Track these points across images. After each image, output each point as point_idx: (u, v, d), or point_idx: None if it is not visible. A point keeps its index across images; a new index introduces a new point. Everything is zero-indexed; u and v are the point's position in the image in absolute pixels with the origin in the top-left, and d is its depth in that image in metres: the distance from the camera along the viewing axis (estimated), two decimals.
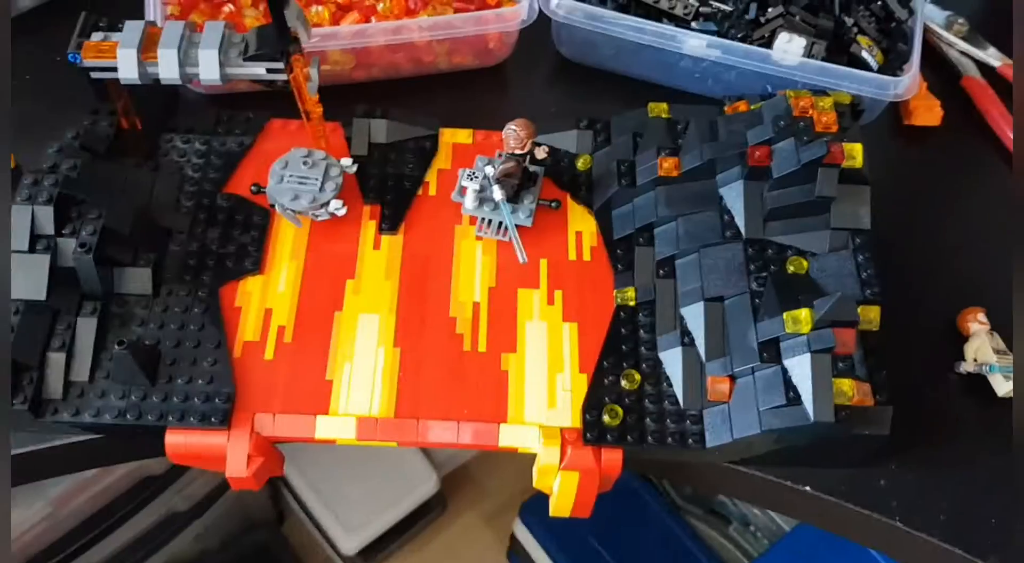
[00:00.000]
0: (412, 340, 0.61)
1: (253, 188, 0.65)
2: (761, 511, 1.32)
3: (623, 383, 0.60)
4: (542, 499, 0.61)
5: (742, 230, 0.61)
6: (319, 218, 0.64)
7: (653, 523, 1.34)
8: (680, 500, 1.38)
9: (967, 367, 0.64)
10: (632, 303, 0.63)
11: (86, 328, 0.57)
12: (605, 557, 1.32)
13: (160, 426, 0.56)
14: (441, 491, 1.44)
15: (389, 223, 0.65)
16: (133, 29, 0.59)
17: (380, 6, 0.71)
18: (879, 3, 0.72)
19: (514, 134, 0.61)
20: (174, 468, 1.17)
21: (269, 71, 0.59)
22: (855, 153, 0.58)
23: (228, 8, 0.71)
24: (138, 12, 0.68)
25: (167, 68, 0.58)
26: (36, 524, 1.04)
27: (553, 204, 0.66)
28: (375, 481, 1.39)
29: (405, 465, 1.41)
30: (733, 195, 0.62)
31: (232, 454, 0.56)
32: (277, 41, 0.57)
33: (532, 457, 0.58)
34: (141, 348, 0.57)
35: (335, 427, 0.57)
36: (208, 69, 0.58)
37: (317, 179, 0.63)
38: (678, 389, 0.59)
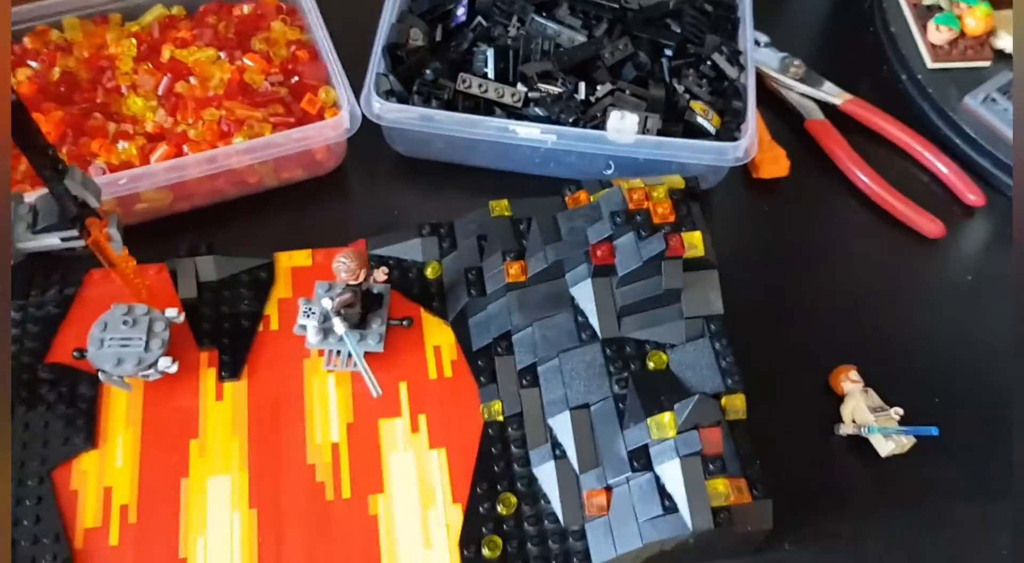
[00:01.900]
0: (269, 498, 0.57)
1: (76, 354, 0.59)
2: None
3: (500, 508, 0.57)
4: None
5: (597, 330, 0.59)
6: (150, 378, 0.59)
7: None
8: None
9: (846, 430, 0.63)
10: (500, 418, 0.60)
11: None
12: None
13: None
14: None
15: (230, 369, 0.61)
16: None
17: (192, 132, 0.67)
18: (709, 64, 0.71)
19: (344, 266, 0.57)
20: None
21: (64, 240, 0.54)
22: (695, 242, 0.57)
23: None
24: None
25: None
26: None
27: (404, 322, 0.63)
28: None
29: None
30: (584, 295, 0.60)
31: None
32: (63, 211, 0.52)
33: None
34: None
35: None
36: None
37: (141, 338, 0.58)
38: (556, 506, 0.57)
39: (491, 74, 0.69)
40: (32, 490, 0.56)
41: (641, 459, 0.54)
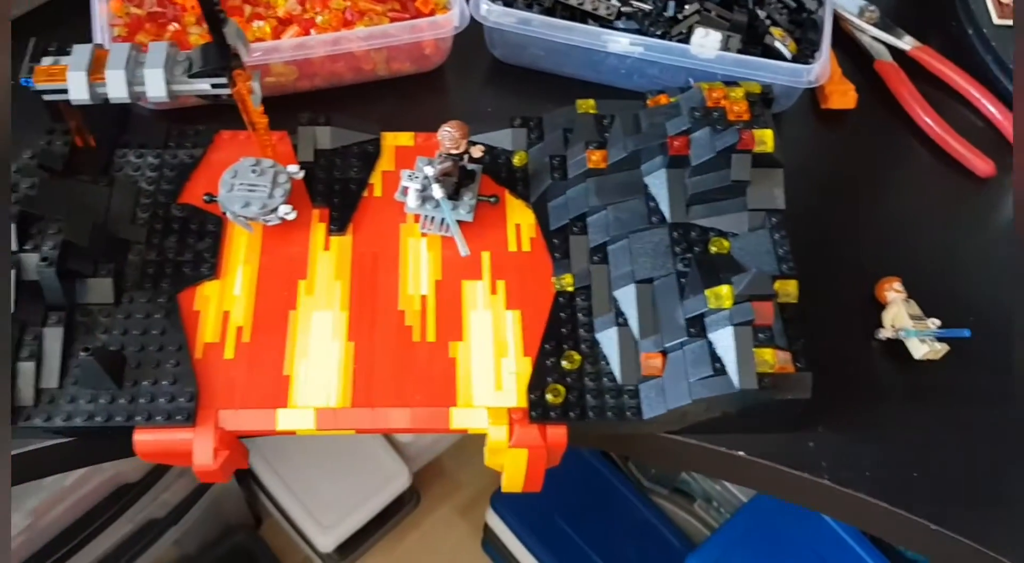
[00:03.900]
0: (364, 334, 0.64)
1: (206, 198, 0.68)
2: (722, 487, 1.37)
3: (564, 364, 0.64)
4: None
5: (667, 215, 0.66)
6: (270, 223, 0.67)
7: (620, 504, 1.39)
8: (646, 481, 1.44)
9: (885, 333, 0.68)
10: (570, 289, 0.67)
11: (53, 337, 0.60)
12: (576, 539, 1.36)
13: (129, 426, 0.59)
14: (414, 485, 1.47)
15: (337, 225, 0.69)
16: (81, 52, 0.62)
17: (319, 19, 0.75)
18: None
19: (449, 135, 0.65)
20: (149, 475, 1.20)
21: (214, 86, 0.62)
22: (765, 139, 0.63)
23: (173, 27, 0.75)
24: (85, 36, 0.71)
25: (115, 88, 0.61)
26: (16, 536, 1.06)
27: (492, 199, 0.70)
28: (349, 479, 1.43)
29: (378, 461, 1.45)
30: (657, 183, 0.66)
31: (198, 448, 0.59)
32: (219, 58, 0.60)
33: None
34: (106, 354, 0.60)
35: (294, 419, 0.61)
36: (155, 87, 0.61)
37: (266, 186, 0.66)
38: (615, 366, 0.63)
39: None
40: (161, 306, 0.64)
41: (697, 326, 0.61)
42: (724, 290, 0.60)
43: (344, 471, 1.43)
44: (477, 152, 0.68)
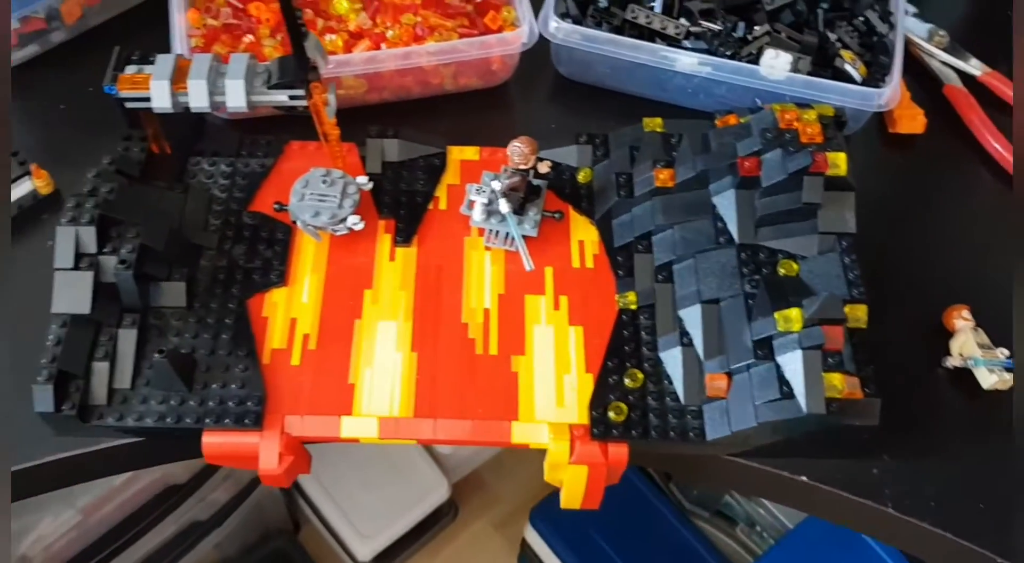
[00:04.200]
0: (428, 345, 0.65)
1: (276, 206, 0.69)
2: (766, 511, 1.35)
3: (627, 382, 0.63)
4: (552, 503, 0.65)
5: (735, 236, 0.65)
6: (338, 233, 0.68)
7: (661, 526, 1.38)
8: (687, 503, 1.42)
9: (953, 362, 0.68)
10: (633, 307, 0.67)
11: (127, 339, 0.61)
12: (614, 559, 1.35)
13: (198, 428, 0.60)
14: (452, 498, 1.47)
15: (403, 236, 0.69)
16: (164, 62, 0.63)
17: (390, 33, 0.76)
18: (861, 19, 0.77)
19: (518, 150, 0.65)
20: (196, 477, 1.21)
21: (291, 98, 0.63)
22: (839, 162, 0.62)
23: (248, 38, 0.76)
24: (162, 45, 0.72)
25: (197, 97, 0.62)
26: (66, 533, 1.08)
27: (556, 215, 0.70)
28: (388, 489, 1.43)
29: (417, 473, 1.45)
30: (726, 203, 0.66)
31: (265, 453, 0.60)
32: (298, 71, 0.61)
33: (539, 465, 0.62)
34: (178, 356, 0.61)
35: (358, 427, 0.61)
36: (235, 97, 0.62)
37: (336, 196, 0.67)
38: (679, 386, 0.63)
39: (658, 8, 0.76)
40: (232, 311, 0.65)
41: (764, 349, 0.61)
42: (794, 313, 0.59)
43: (384, 481, 1.43)
44: (544, 168, 0.68)
